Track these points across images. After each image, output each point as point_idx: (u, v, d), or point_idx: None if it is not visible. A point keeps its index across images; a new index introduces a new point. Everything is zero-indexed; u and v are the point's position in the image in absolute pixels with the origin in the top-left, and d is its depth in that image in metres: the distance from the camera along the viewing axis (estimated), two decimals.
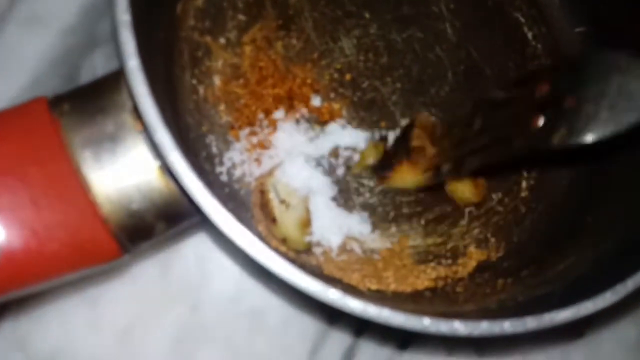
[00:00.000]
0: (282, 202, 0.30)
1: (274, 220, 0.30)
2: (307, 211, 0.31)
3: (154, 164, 0.22)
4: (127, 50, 0.20)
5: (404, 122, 0.34)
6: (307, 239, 0.31)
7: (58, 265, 0.20)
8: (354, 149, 0.33)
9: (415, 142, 0.31)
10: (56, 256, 0.20)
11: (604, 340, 0.34)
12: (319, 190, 0.31)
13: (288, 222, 0.30)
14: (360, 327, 0.32)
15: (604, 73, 0.24)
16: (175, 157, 0.20)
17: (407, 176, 0.32)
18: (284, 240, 0.30)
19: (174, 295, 0.31)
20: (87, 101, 0.22)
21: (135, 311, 0.31)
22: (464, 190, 0.32)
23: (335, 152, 0.33)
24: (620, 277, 0.22)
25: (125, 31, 0.20)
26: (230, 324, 0.32)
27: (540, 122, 0.25)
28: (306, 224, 0.31)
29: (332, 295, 0.20)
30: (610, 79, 0.24)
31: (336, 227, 0.32)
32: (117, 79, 0.22)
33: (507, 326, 0.20)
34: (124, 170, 0.21)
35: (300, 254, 0.31)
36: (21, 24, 0.34)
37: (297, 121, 0.33)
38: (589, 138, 0.23)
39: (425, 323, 0.20)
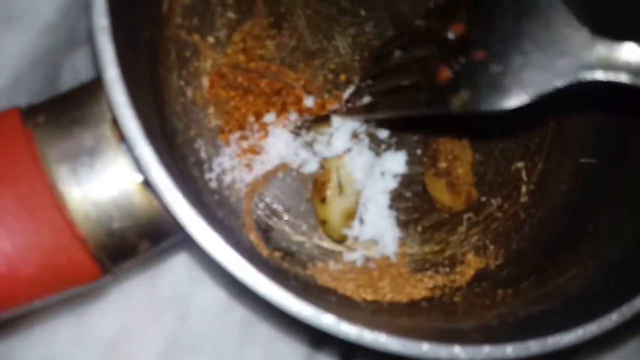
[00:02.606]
0: (339, 186, 0.29)
1: (323, 199, 0.30)
2: (357, 204, 0.30)
3: (135, 179, 0.20)
4: (105, 59, 0.19)
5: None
6: (345, 230, 0.30)
7: (34, 290, 0.19)
8: None
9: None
10: (31, 280, 0.19)
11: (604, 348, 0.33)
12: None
13: (336, 206, 0.30)
14: (352, 346, 0.31)
15: (518, 24, 0.22)
16: (157, 173, 0.19)
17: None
18: (323, 222, 0.30)
19: (162, 305, 0.30)
20: (64, 112, 0.20)
21: (123, 323, 0.29)
22: (441, 193, 0.31)
23: None
24: (625, 296, 0.21)
25: (104, 38, 0.19)
26: (220, 335, 0.31)
27: (446, 74, 0.24)
28: (351, 215, 0.30)
29: (327, 321, 0.19)
30: (524, 32, 0.22)
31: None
32: (96, 87, 0.21)
33: (510, 351, 0.19)
34: (104, 186, 0.20)
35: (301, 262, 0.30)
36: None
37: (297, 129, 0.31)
38: (491, 107, 0.22)
39: (424, 349, 0.19)
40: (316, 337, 0.31)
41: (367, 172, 0.31)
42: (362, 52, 0.33)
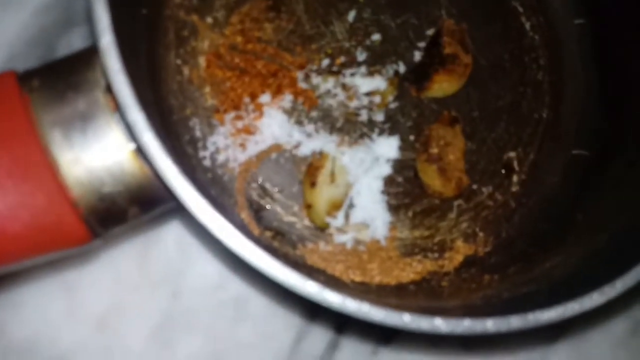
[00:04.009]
0: (332, 174, 0.29)
1: (313, 184, 0.30)
2: (346, 196, 0.31)
3: (127, 147, 0.21)
4: (100, 25, 0.19)
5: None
6: (328, 219, 0.31)
7: (23, 249, 0.19)
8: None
9: (447, 50, 0.32)
10: (21, 239, 0.19)
11: (591, 334, 0.33)
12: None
13: (324, 193, 0.30)
14: (344, 318, 0.31)
15: None
16: (148, 138, 0.19)
17: (445, 85, 0.32)
18: (308, 207, 0.31)
19: (154, 281, 0.30)
20: (59, 77, 0.21)
21: (115, 297, 0.30)
22: (432, 179, 0.31)
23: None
24: (608, 278, 0.22)
25: (99, 4, 0.19)
26: (212, 312, 0.31)
27: None
28: (337, 206, 0.31)
29: (310, 288, 0.19)
30: None
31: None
32: (91, 55, 0.21)
33: (490, 325, 0.20)
34: (96, 151, 0.20)
35: (291, 242, 0.30)
36: None
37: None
38: None
39: (406, 319, 0.19)
40: (308, 313, 0.32)
41: (362, 167, 0.32)
42: (358, 38, 0.34)
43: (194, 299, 0.31)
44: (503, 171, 0.34)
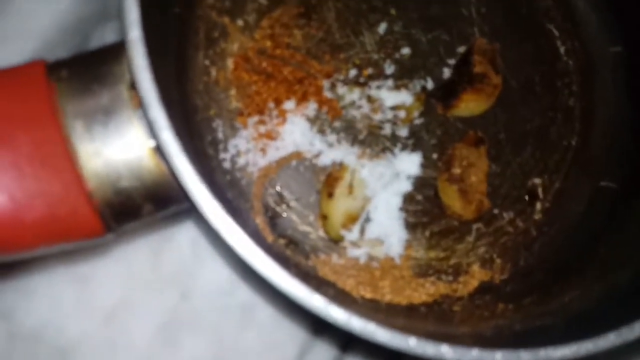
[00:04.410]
0: (350, 186, 0.29)
1: (330, 194, 0.30)
2: (362, 210, 0.30)
3: (147, 143, 0.21)
4: (129, 19, 0.19)
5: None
6: (343, 232, 0.30)
7: (36, 236, 0.19)
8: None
9: (477, 69, 0.31)
10: (35, 226, 0.19)
11: None
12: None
13: (341, 205, 0.30)
14: (350, 336, 0.31)
15: None
16: (167, 137, 0.19)
17: (472, 104, 0.32)
18: (324, 217, 0.30)
19: (165, 280, 0.30)
20: (87, 69, 0.21)
21: (125, 292, 0.30)
22: (453, 199, 0.31)
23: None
24: (627, 319, 0.21)
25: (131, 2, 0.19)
26: (219, 316, 0.31)
27: None
28: (353, 219, 0.30)
29: (317, 302, 0.19)
30: None
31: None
32: (119, 49, 0.21)
33: (499, 357, 0.19)
34: (115, 145, 0.20)
35: (304, 252, 0.30)
36: None
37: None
38: None
39: (411, 343, 0.18)
40: (314, 327, 0.31)
41: (381, 182, 0.31)
42: (388, 51, 0.33)
43: (201, 301, 0.31)
44: (527, 197, 0.33)
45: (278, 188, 0.31)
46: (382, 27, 0.34)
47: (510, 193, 0.33)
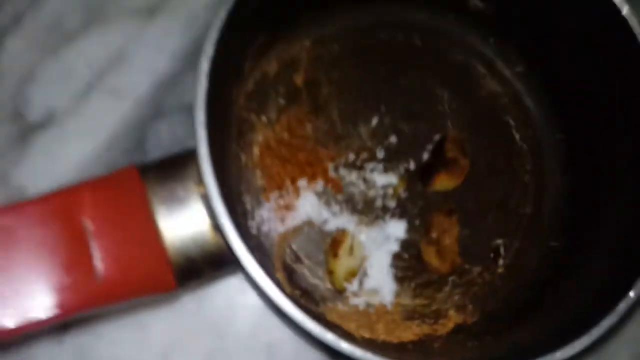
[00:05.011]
0: (351, 248, 0.37)
1: (335, 255, 0.38)
2: (360, 267, 0.38)
3: (207, 222, 0.29)
4: (200, 141, 0.28)
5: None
6: (346, 284, 0.38)
7: (135, 290, 0.27)
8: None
9: (449, 154, 0.40)
10: (135, 284, 0.27)
11: None
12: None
13: (343, 263, 0.38)
14: None
15: None
16: (225, 221, 0.28)
17: (446, 182, 0.41)
18: (330, 272, 0.38)
19: (206, 326, 0.37)
20: (166, 171, 0.30)
21: (175, 336, 0.36)
22: (431, 258, 0.39)
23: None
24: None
25: (201, 128, 0.28)
26: (249, 354, 0.38)
27: None
28: (354, 274, 0.38)
29: (330, 337, 0.27)
30: None
31: None
32: (187, 156, 0.30)
33: None
34: (187, 224, 0.29)
35: (315, 301, 0.38)
36: (104, 94, 0.41)
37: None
38: None
39: None
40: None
41: (375, 244, 0.39)
42: (379, 139, 0.42)
43: (235, 342, 0.38)
44: (492, 255, 0.41)
45: (294, 249, 0.39)
46: (374, 121, 0.42)
47: (478, 252, 0.40)
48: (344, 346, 0.27)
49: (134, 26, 0.43)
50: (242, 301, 0.39)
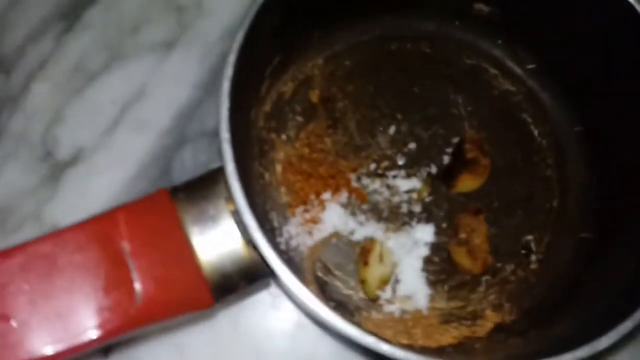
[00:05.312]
0: (380, 255, 0.37)
1: (365, 263, 0.38)
2: (392, 274, 0.38)
3: (240, 237, 0.30)
4: (227, 158, 0.29)
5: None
6: (379, 292, 0.38)
7: (174, 309, 0.28)
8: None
9: (469, 155, 0.40)
10: (174, 302, 0.28)
11: None
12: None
13: (374, 271, 0.38)
14: None
15: None
16: (257, 234, 0.28)
17: (468, 182, 0.41)
18: (362, 282, 0.38)
19: (242, 346, 0.38)
20: (195, 191, 0.30)
21: (212, 356, 0.37)
22: (462, 259, 0.39)
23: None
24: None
25: (227, 145, 0.29)
26: None
27: None
28: (385, 281, 0.38)
29: (369, 340, 0.27)
30: None
31: None
32: (215, 175, 0.31)
33: None
34: (220, 242, 0.30)
35: (350, 311, 0.38)
36: (129, 127, 0.43)
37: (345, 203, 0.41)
38: None
39: None
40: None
41: (404, 249, 0.39)
42: (398, 147, 0.43)
43: (273, 356, 0.38)
44: (523, 252, 0.41)
45: (324, 261, 0.40)
46: (392, 129, 0.43)
47: (509, 249, 0.40)
48: (385, 348, 0.27)
49: (153, 60, 0.45)
50: (275, 318, 0.39)
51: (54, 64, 0.45)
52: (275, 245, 0.39)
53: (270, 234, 0.40)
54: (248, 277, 0.30)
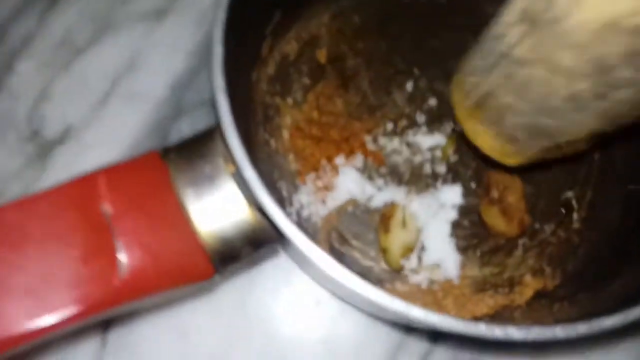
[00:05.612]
0: (403, 221, 0.34)
1: (387, 230, 0.34)
2: (417, 240, 0.34)
3: (242, 198, 0.26)
4: (222, 109, 0.25)
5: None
6: (403, 261, 0.34)
7: (167, 281, 0.24)
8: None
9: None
10: (167, 273, 0.24)
11: None
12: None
13: (397, 238, 0.34)
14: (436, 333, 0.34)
15: None
16: (262, 193, 0.25)
17: None
18: (384, 251, 0.34)
19: (253, 326, 0.34)
20: (189, 150, 0.27)
21: (219, 340, 0.34)
22: (495, 219, 0.34)
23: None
24: None
25: (221, 94, 0.25)
26: (305, 350, 0.35)
27: None
28: (410, 249, 0.34)
29: (398, 305, 0.23)
30: None
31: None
32: (211, 132, 0.28)
33: (559, 331, 0.22)
34: (219, 204, 0.26)
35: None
36: (121, 100, 0.40)
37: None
38: None
39: (481, 329, 0.22)
40: (396, 342, 0.35)
41: (429, 213, 0.36)
42: (417, 103, 0.39)
43: (288, 340, 0.35)
44: (563, 210, 0.36)
45: (340, 231, 0.36)
46: (409, 86, 0.39)
47: (548, 208, 0.36)
48: (416, 313, 0.23)
49: (144, 30, 0.42)
50: (287, 294, 0.35)
51: (39, 40, 0.42)
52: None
53: (279, 204, 0.36)
54: (253, 242, 0.26)
